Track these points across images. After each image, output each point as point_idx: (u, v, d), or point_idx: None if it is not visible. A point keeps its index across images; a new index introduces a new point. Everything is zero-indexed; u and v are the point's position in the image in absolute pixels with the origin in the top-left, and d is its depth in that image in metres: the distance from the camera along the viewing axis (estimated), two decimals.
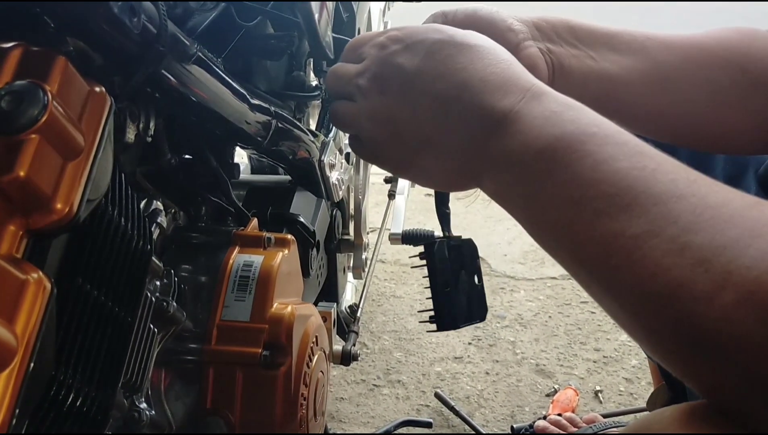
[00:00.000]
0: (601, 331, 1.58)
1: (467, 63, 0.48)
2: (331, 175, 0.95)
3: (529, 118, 0.44)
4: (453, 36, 0.50)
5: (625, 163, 0.39)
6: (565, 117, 0.43)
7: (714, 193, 0.37)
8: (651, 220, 0.37)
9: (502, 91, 0.46)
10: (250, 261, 0.68)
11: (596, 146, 0.41)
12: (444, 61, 0.49)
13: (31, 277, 0.39)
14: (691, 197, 0.37)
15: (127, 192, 0.51)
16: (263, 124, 0.73)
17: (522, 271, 1.81)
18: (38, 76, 0.41)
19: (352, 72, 0.54)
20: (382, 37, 0.53)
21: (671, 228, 0.36)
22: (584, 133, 0.42)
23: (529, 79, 0.47)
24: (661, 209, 0.37)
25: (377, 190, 1.92)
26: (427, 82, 0.49)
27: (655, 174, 0.38)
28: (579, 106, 0.45)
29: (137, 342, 0.54)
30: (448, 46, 0.49)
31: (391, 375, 1.45)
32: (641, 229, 0.37)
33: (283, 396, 0.64)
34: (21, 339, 0.37)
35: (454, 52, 0.49)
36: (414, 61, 0.50)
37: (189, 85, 0.58)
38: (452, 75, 0.48)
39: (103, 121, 0.45)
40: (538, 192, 0.43)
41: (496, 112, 0.46)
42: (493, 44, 0.50)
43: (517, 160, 0.44)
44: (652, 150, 0.41)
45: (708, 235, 0.35)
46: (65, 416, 0.43)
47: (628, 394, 1.39)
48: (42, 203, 0.40)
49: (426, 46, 0.50)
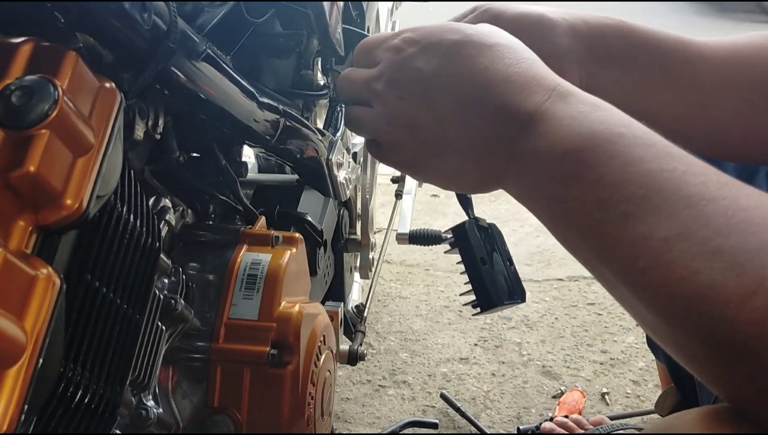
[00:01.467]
0: (608, 332, 1.57)
1: (488, 63, 0.47)
2: (339, 174, 0.95)
3: (555, 118, 0.44)
4: (470, 36, 0.49)
5: (655, 165, 0.39)
6: (593, 117, 0.43)
7: (745, 196, 0.37)
8: (681, 223, 0.36)
9: (527, 91, 0.45)
10: (258, 259, 0.68)
11: (625, 147, 0.40)
12: (464, 63, 0.48)
13: (41, 272, 0.39)
14: (722, 200, 0.36)
15: (136, 189, 0.51)
16: (272, 123, 0.73)
17: (528, 272, 1.80)
18: (49, 71, 0.40)
19: (366, 76, 0.53)
20: (397, 40, 0.51)
21: (702, 231, 0.35)
22: (612, 133, 0.41)
23: (553, 78, 0.46)
24: (692, 212, 0.36)
25: (383, 190, 1.92)
26: (447, 86, 0.48)
27: (685, 176, 0.38)
28: (607, 106, 0.44)
29: (145, 339, 0.53)
30: (467, 46, 0.48)
31: (396, 375, 1.45)
32: (671, 232, 0.36)
33: (290, 395, 0.64)
34: (30, 335, 0.37)
35: (474, 52, 0.48)
36: (432, 63, 0.49)
37: (198, 83, 0.57)
38: (473, 77, 0.47)
39: (113, 117, 0.45)
40: (564, 193, 0.42)
41: (521, 113, 0.45)
42: (512, 41, 0.49)
43: (543, 161, 0.44)
44: (681, 151, 0.40)
45: (740, 239, 0.34)
46: (73, 413, 0.43)
47: (635, 397, 1.39)
48: (52, 199, 0.40)
49: (444, 47, 0.49)
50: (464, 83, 0.47)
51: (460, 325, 1.59)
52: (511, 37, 0.50)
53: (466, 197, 0.61)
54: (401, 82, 0.50)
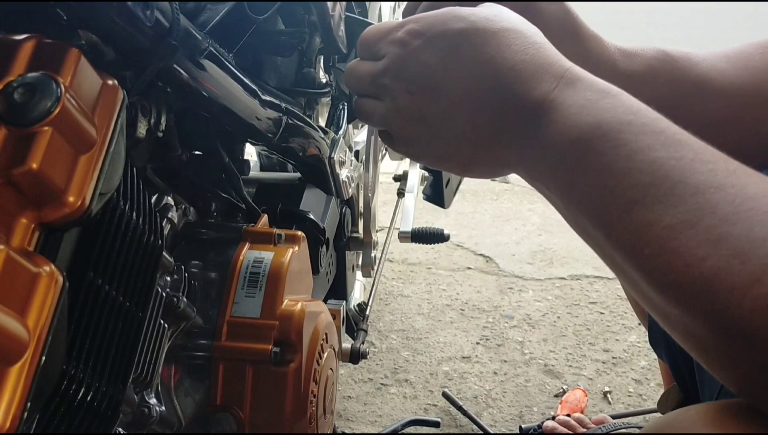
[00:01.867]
0: (610, 331, 1.57)
1: (494, 52, 0.47)
2: (341, 172, 0.95)
3: (564, 106, 0.44)
4: (475, 23, 0.48)
5: (662, 153, 0.39)
6: (601, 105, 0.43)
7: (754, 184, 0.37)
8: (687, 210, 0.36)
9: (536, 79, 0.45)
10: (260, 257, 0.68)
11: (632, 135, 0.41)
12: (470, 53, 0.47)
13: (43, 270, 0.39)
14: (729, 188, 0.36)
15: (139, 187, 0.51)
16: (274, 121, 0.73)
17: (530, 271, 1.80)
18: (51, 69, 0.40)
19: (373, 70, 0.52)
20: (401, 32, 0.51)
21: (708, 218, 0.36)
22: (620, 121, 0.41)
23: (562, 64, 0.46)
24: (698, 199, 0.37)
25: (385, 188, 1.92)
26: (455, 78, 0.48)
27: (693, 163, 0.38)
28: (615, 92, 0.44)
29: (148, 337, 0.53)
30: (472, 35, 0.48)
31: (398, 374, 1.45)
32: (677, 220, 0.36)
33: (292, 393, 0.64)
34: (33, 332, 0.37)
35: (480, 41, 0.47)
36: (438, 56, 0.48)
37: (200, 80, 0.57)
38: (481, 67, 0.47)
39: (116, 115, 0.45)
40: (573, 181, 0.43)
41: (530, 101, 0.45)
42: (520, 24, 0.49)
43: (552, 149, 0.44)
44: (690, 138, 0.40)
45: (746, 227, 0.35)
46: (76, 410, 0.43)
47: (638, 395, 1.38)
48: (54, 196, 0.40)
49: (448, 38, 0.48)
50: (472, 74, 0.47)
51: (462, 324, 1.59)
52: (518, 18, 0.50)
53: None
54: (409, 76, 0.50)
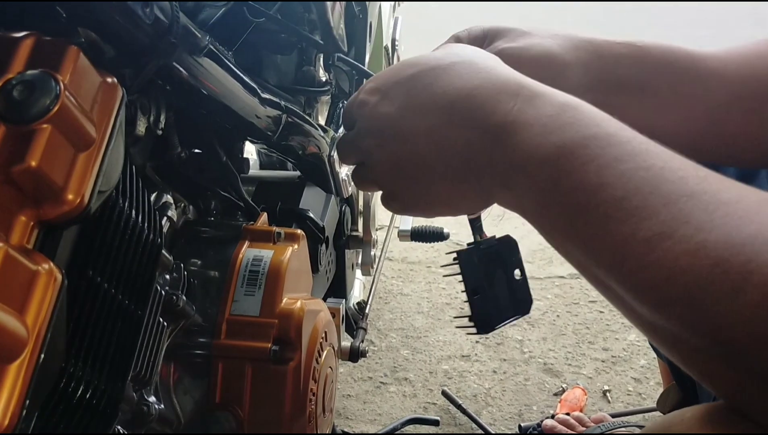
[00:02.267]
0: (610, 330, 1.57)
1: (446, 86, 0.47)
2: (341, 170, 0.94)
3: (526, 127, 0.43)
4: (427, 63, 0.50)
5: (631, 164, 0.38)
6: (563, 120, 0.42)
7: (726, 190, 0.36)
8: (662, 222, 0.36)
9: (493, 101, 0.45)
10: (259, 256, 0.68)
11: (599, 148, 0.40)
12: (424, 92, 0.48)
13: (42, 268, 0.39)
14: (702, 195, 0.36)
15: (138, 184, 0.51)
16: (273, 119, 0.73)
17: (530, 269, 1.79)
18: (50, 66, 0.40)
19: (350, 138, 0.55)
20: (362, 95, 0.53)
21: (684, 228, 0.35)
22: (584, 136, 0.41)
23: (518, 81, 0.46)
24: (672, 209, 0.36)
25: None
26: (415, 120, 0.48)
27: (663, 172, 0.37)
28: (575, 104, 0.43)
29: (147, 335, 0.53)
30: (424, 76, 0.49)
31: (398, 372, 1.45)
32: (652, 232, 0.36)
33: (292, 391, 0.64)
34: (32, 330, 0.37)
35: (431, 80, 0.48)
36: (395, 104, 0.50)
37: (200, 78, 0.57)
38: (436, 102, 0.48)
39: (115, 112, 0.45)
40: (546, 201, 0.42)
41: (491, 125, 0.45)
42: (470, 55, 0.50)
43: (521, 173, 0.43)
44: (657, 147, 0.40)
45: (723, 233, 0.34)
46: (75, 409, 0.43)
47: (637, 394, 1.39)
48: (53, 194, 0.40)
49: (402, 85, 0.50)
50: (430, 112, 0.48)
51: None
52: (470, 50, 0.50)
53: (475, 219, 0.61)
54: (375, 131, 0.51)
